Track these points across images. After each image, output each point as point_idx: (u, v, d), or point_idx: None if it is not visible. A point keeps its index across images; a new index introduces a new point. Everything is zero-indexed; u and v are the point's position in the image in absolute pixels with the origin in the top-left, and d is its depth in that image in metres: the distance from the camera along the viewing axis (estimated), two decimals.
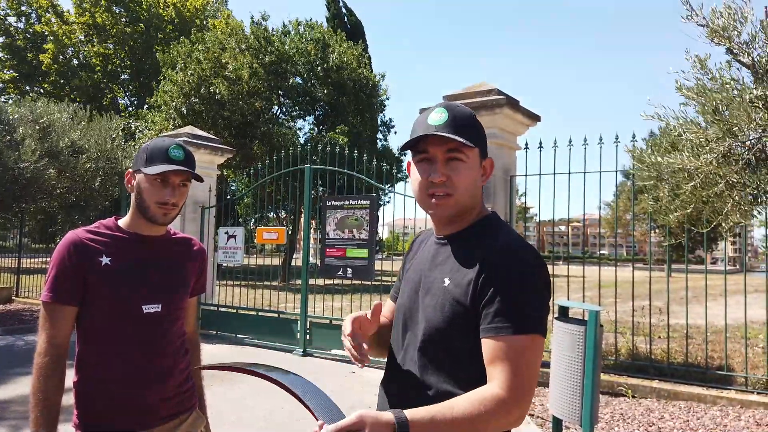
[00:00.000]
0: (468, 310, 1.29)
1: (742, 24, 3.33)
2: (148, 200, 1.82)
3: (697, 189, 3.72)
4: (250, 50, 20.49)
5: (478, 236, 1.40)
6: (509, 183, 6.70)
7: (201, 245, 2.12)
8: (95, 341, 1.80)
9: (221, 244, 9.03)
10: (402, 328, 1.47)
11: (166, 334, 1.88)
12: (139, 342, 1.81)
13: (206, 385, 2.21)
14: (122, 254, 1.83)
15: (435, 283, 1.39)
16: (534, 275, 1.29)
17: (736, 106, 3.29)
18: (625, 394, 5.58)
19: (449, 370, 1.33)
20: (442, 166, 1.36)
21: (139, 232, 1.89)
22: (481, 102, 6.29)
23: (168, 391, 1.88)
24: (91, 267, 1.77)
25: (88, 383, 1.79)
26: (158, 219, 1.84)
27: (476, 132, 1.39)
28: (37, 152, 9.19)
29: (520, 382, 1.20)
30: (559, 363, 3.43)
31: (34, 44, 30.60)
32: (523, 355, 1.22)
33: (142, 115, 23.99)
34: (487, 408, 1.16)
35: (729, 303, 6.03)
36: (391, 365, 1.49)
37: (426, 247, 1.54)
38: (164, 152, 1.81)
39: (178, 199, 1.85)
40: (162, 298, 1.87)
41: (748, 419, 4.90)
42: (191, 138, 9.19)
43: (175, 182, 1.84)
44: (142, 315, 1.82)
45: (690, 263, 20.98)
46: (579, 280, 7.43)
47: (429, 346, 1.35)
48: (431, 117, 1.38)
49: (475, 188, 1.40)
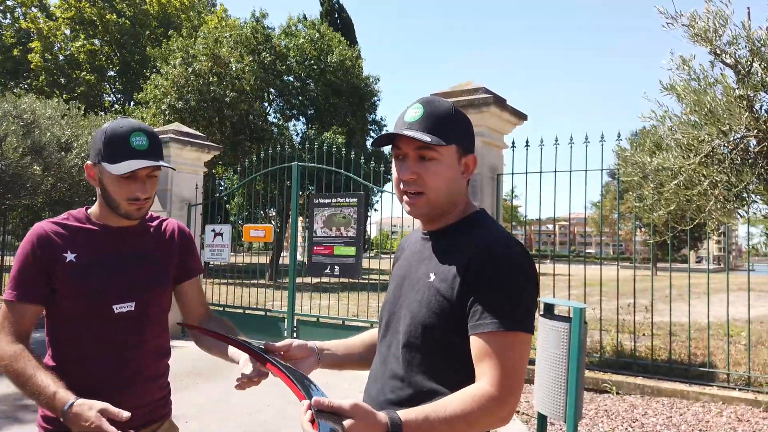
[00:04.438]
0: (454, 306, 1.29)
1: (723, 26, 3.38)
2: (117, 198, 1.66)
3: (680, 188, 3.76)
4: (247, 48, 20.39)
5: (465, 232, 1.39)
6: (496, 181, 6.73)
7: (177, 224, 1.94)
8: (63, 344, 1.67)
9: (208, 241, 8.99)
10: (386, 324, 1.46)
11: (142, 335, 1.72)
12: (110, 345, 1.66)
13: (192, 384, 2.19)
14: (89, 249, 1.68)
15: (420, 279, 1.38)
16: (522, 272, 1.28)
17: (727, 107, 3.33)
18: (610, 391, 5.64)
19: (433, 367, 1.32)
20: (413, 163, 1.35)
21: (109, 224, 1.73)
22: (468, 100, 6.30)
23: (141, 398, 1.72)
24: (55, 263, 1.63)
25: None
26: (132, 215, 1.69)
27: (454, 128, 1.37)
28: (20, 148, 9.08)
29: (509, 378, 1.20)
30: (544, 360, 3.46)
31: (19, 40, 30.21)
32: (512, 351, 1.22)
33: (130, 111, 23.80)
34: (479, 405, 1.16)
35: (712, 301, 6.11)
36: (375, 362, 1.48)
37: (412, 243, 1.53)
38: (125, 141, 1.61)
39: (150, 192, 1.69)
40: (135, 296, 1.70)
41: (730, 415, 4.97)
42: (178, 135, 9.13)
43: (143, 175, 1.66)
44: (113, 315, 1.66)
45: (675, 262, 21.16)
46: (565, 278, 7.49)
47: (414, 342, 1.34)
48: (407, 113, 1.37)
49: (451, 185, 1.37)
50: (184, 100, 19.85)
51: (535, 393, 3.57)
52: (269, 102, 23.22)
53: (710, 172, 3.62)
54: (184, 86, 19.80)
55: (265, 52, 20.63)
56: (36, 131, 9.71)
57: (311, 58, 21.67)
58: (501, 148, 6.93)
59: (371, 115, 25.57)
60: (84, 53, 29.70)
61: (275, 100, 23.32)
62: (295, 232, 8.52)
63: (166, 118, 19.63)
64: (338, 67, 21.89)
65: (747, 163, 3.62)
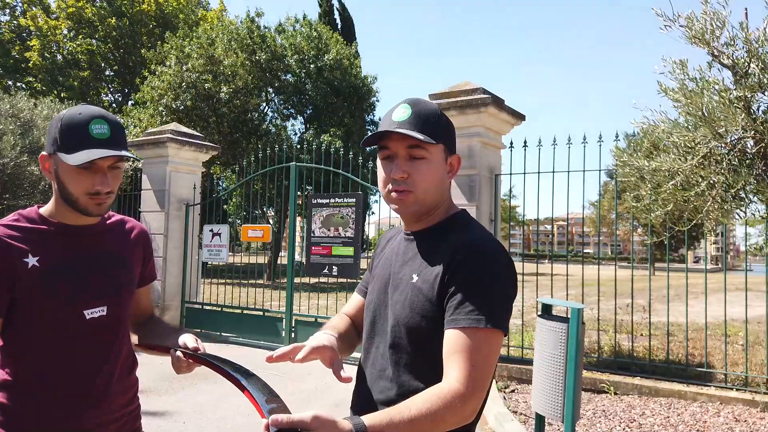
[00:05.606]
0: (435, 306, 1.30)
1: (721, 28, 3.38)
2: (75, 192, 1.48)
3: (677, 189, 3.77)
4: (242, 47, 20.39)
5: (447, 233, 1.40)
6: (494, 181, 6.73)
7: (141, 226, 1.80)
8: (25, 357, 1.50)
9: (206, 241, 8.98)
10: (371, 325, 1.47)
11: (114, 342, 1.61)
12: (80, 354, 1.53)
13: (189, 384, 2.18)
14: (52, 251, 1.51)
15: (404, 280, 1.39)
16: (500, 272, 1.29)
17: (723, 109, 3.34)
18: (607, 391, 5.65)
19: (419, 367, 1.33)
20: (403, 162, 1.36)
21: (67, 223, 1.56)
22: (466, 101, 6.31)
23: (111, 411, 1.59)
24: (14, 271, 1.45)
25: (16, 403, 1.49)
26: (92, 211, 1.52)
27: (441, 128, 1.39)
28: (17, 148, 9.07)
29: (476, 375, 1.20)
30: (541, 360, 3.47)
31: (19, 38, 30.15)
32: (483, 348, 1.22)
33: (127, 111, 23.77)
34: (445, 402, 1.16)
35: (710, 301, 6.12)
36: (364, 363, 1.48)
37: (395, 243, 1.54)
38: (84, 129, 1.44)
39: (112, 186, 1.51)
40: (107, 299, 1.57)
41: (727, 415, 4.98)
42: (175, 135, 9.12)
43: (104, 167, 1.48)
44: (85, 321, 1.52)
45: (672, 262, 21.00)
46: (563, 278, 7.50)
47: (399, 343, 1.35)
48: (395, 113, 1.38)
49: (438, 185, 1.39)
50: (180, 99, 19.84)
51: (533, 393, 3.57)
52: (267, 101, 23.20)
53: (708, 173, 3.63)
54: (179, 86, 19.79)
55: (261, 50, 20.62)
56: (33, 131, 9.69)
57: (309, 57, 21.66)
58: (499, 149, 6.93)
59: (369, 116, 25.57)
60: (81, 53, 29.66)
61: (273, 99, 23.30)
62: (293, 232, 8.52)
63: (164, 119, 19.62)
64: (335, 66, 21.89)
65: (744, 164, 3.63)
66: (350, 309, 1.66)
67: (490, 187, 6.67)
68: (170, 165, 9.08)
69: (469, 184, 6.40)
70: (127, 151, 1.51)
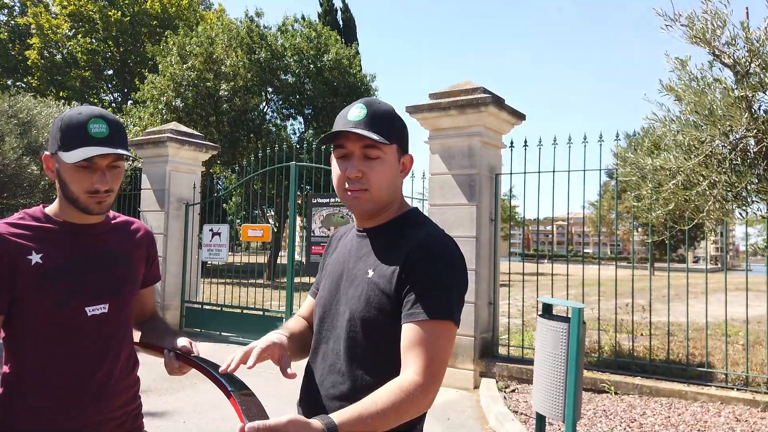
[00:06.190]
0: (392, 300, 1.34)
1: (722, 27, 3.37)
2: (75, 191, 1.51)
3: (679, 188, 3.76)
4: (242, 46, 20.38)
5: (401, 229, 1.44)
6: (494, 181, 6.72)
7: (145, 228, 1.82)
8: (26, 353, 1.52)
9: (206, 241, 8.98)
10: (321, 320, 1.49)
11: (114, 339, 1.62)
12: (82, 350, 1.54)
13: (190, 383, 2.18)
14: (55, 249, 1.54)
15: (359, 275, 1.42)
16: (455, 267, 1.36)
17: (727, 107, 3.33)
18: (608, 391, 5.64)
19: (373, 360, 1.37)
20: (358, 161, 1.39)
21: (71, 221, 1.59)
22: (466, 100, 6.30)
23: (111, 410, 1.60)
24: (17, 268, 1.47)
25: (15, 397, 1.51)
26: (92, 210, 1.55)
27: (395, 129, 1.43)
28: (17, 148, 9.06)
29: (434, 366, 1.25)
30: (542, 360, 3.46)
31: (18, 37, 30.12)
32: (438, 340, 1.28)
33: (127, 110, 23.76)
34: (408, 394, 1.20)
35: (710, 301, 6.11)
36: (312, 359, 1.50)
37: (346, 240, 1.57)
38: (83, 128, 1.47)
39: (111, 184, 1.53)
40: (108, 297, 1.59)
41: (728, 415, 4.97)
42: (175, 134, 9.11)
43: (103, 165, 1.51)
44: (86, 318, 1.54)
45: (672, 262, 21.00)
46: (563, 278, 7.50)
47: (354, 336, 1.38)
48: (350, 112, 1.41)
49: (391, 184, 1.44)
50: (181, 97, 19.82)
51: (534, 393, 3.57)
52: (266, 101, 23.19)
53: (709, 173, 3.62)
54: (180, 83, 19.78)
55: (261, 50, 20.61)
56: (33, 131, 9.68)
57: (308, 57, 21.65)
58: (499, 148, 6.93)
59: None
60: (81, 51, 29.64)
61: (272, 98, 23.28)
62: (293, 231, 8.51)
63: (164, 117, 19.61)
64: (334, 65, 21.89)
65: (746, 163, 3.62)
66: (304, 311, 1.69)
67: (491, 187, 6.66)
68: (170, 164, 9.07)
69: (469, 183, 6.39)
70: (126, 151, 1.53)
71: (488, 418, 5.15)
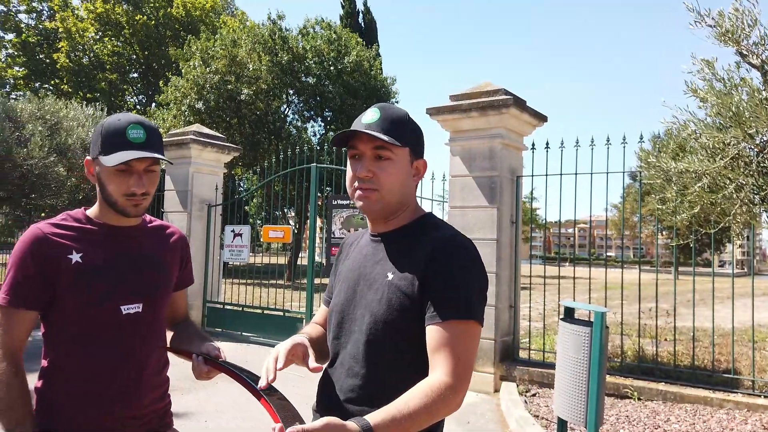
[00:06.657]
0: (414, 301, 1.35)
1: (752, 26, 3.31)
2: (114, 194, 1.59)
3: (704, 191, 3.70)
4: (265, 49, 20.56)
5: (418, 233, 1.46)
6: (515, 183, 6.68)
7: (180, 232, 1.89)
8: (63, 349, 1.59)
9: (227, 242, 9.06)
10: (338, 326, 1.49)
11: (147, 338, 1.68)
12: (116, 347, 1.60)
13: (211, 383, 2.20)
14: (94, 249, 1.62)
15: (378, 279, 1.43)
16: (475, 267, 1.38)
17: (754, 109, 3.26)
18: (631, 397, 5.56)
19: (395, 363, 1.38)
20: (369, 162, 1.42)
21: (110, 224, 1.67)
22: (487, 102, 6.27)
23: (141, 407, 1.66)
24: (59, 266, 1.55)
25: (52, 390, 1.59)
26: (129, 212, 1.63)
27: (407, 132, 1.45)
28: (45, 149, 9.25)
29: (462, 366, 1.28)
30: (564, 364, 3.42)
31: (46, 41, 30.77)
32: (463, 340, 1.30)
33: (151, 113, 24.11)
34: (440, 395, 1.22)
35: (736, 306, 5.99)
36: (330, 364, 1.51)
37: (359, 247, 1.58)
38: (122, 134, 1.55)
39: (148, 188, 1.62)
40: (143, 297, 1.65)
41: (755, 423, 4.86)
42: (198, 136, 9.22)
43: (140, 169, 1.59)
44: (122, 316, 1.61)
45: (698, 266, 20.63)
46: (585, 281, 7.41)
47: (375, 339, 1.38)
48: (364, 116, 1.45)
49: (403, 187, 1.45)
50: (204, 100, 20.06)
51: (555, 397, 3.53)
52: (287, 103, 23.34)
53: (736, 176, 3.55)
54: (203, 86, 20.02)
55: (282, 52, 20.76)
56: (61, 132, 9.88)
57: (328, 60, 21.74)
58: (520, 150, 6.88)
59: None
60: (107, 54, 30.17)
61: (293, 101, 23.42)
62: (313, 233, 8.55)
63: (186, 120, 19.86)
64: (355, 68, 21.95)
65: None
66: (320, 318, 1.70)
67: (512, 189, 6.62)
68: (193, 166, 9.18)
69: (490, 185, 6.35)
70: (162, 155, 1.61)
71: (509, 422, 5.11)
